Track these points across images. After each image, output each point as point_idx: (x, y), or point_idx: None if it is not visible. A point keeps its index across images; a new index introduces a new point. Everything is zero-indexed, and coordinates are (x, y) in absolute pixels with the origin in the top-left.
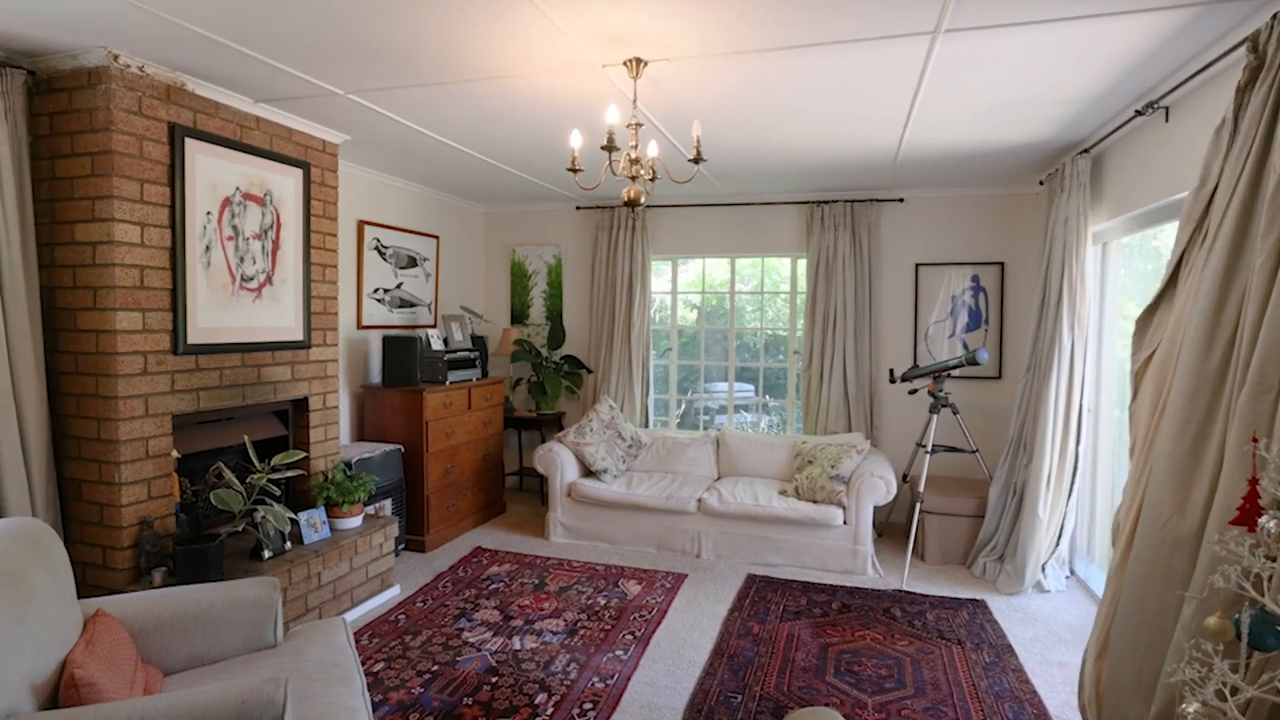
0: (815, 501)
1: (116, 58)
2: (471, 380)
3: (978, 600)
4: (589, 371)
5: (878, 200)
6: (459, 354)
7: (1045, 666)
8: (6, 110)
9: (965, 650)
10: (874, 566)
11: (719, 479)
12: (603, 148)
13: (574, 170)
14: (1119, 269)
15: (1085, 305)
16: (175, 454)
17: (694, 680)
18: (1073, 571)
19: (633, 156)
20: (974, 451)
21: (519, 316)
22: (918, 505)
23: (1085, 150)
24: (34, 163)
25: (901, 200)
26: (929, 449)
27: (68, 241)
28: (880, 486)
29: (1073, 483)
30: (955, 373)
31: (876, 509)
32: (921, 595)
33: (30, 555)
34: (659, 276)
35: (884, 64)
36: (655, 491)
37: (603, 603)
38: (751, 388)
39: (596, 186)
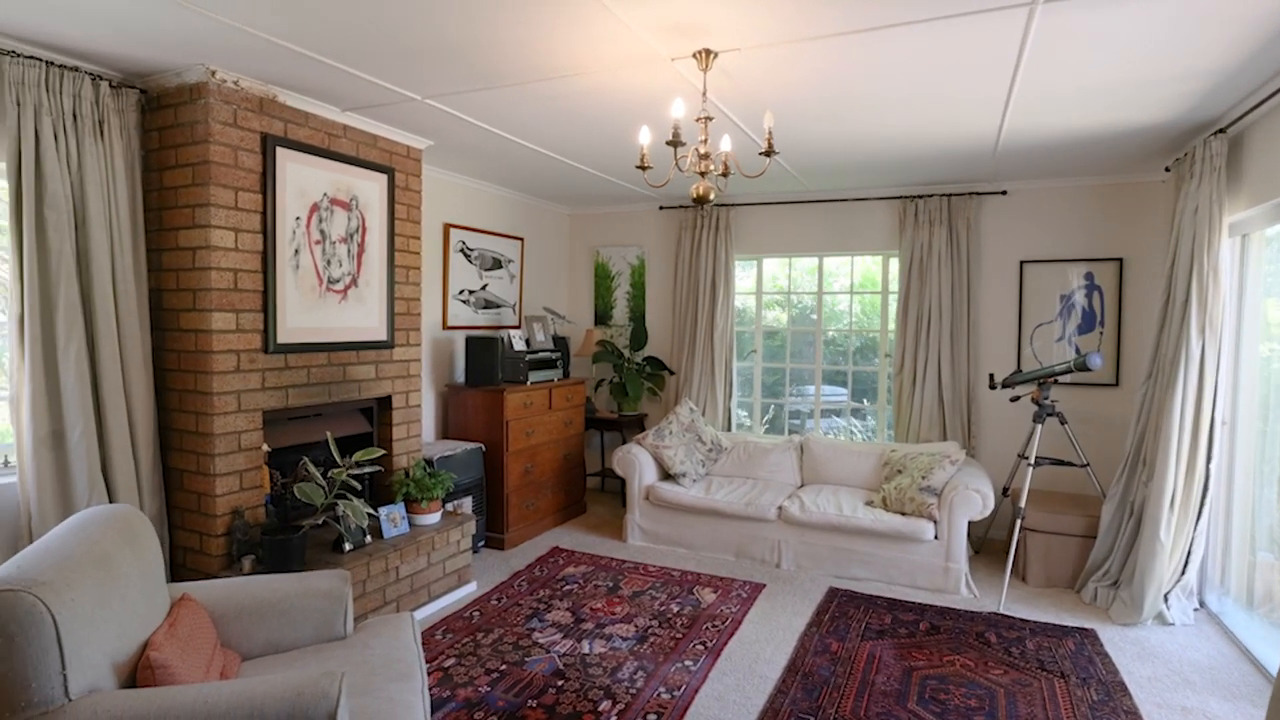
0: (904, 514)
1: (214, 73)
2: (553, 381)
3: (1086, 629)
4: (671, 373)
5: (977, 193)
6: (540, 354)
7: (1165, 711)
8: (122, 127)
9: (1069, 685)
10: (968, 586)
11: (802, 486)
12: (668, 143)
13: (642, 167)
14: (1262, 264)
15: (1219, 305)
16: (266, 448)
17: (764, 697)
18: (1202, 604)
19: (702, 151)
20: (1084, 465)
21: (602, 317)
22: (1018, 521)
23: (1220, 130)
24: (145, 174)
25: (1004, 193)
26: (1032, 461)
27: (172, 247)
28: (975, 500)
29: (1202, 504)
30: (1064, 379)
31: (972, 524)
32: (1021, 620)
33: (120, 540)
34: (743, 276)
35: (975, 42)
36: (735, 497)
37: (675, 610)
38: (844, 391)
39: (666, 184)
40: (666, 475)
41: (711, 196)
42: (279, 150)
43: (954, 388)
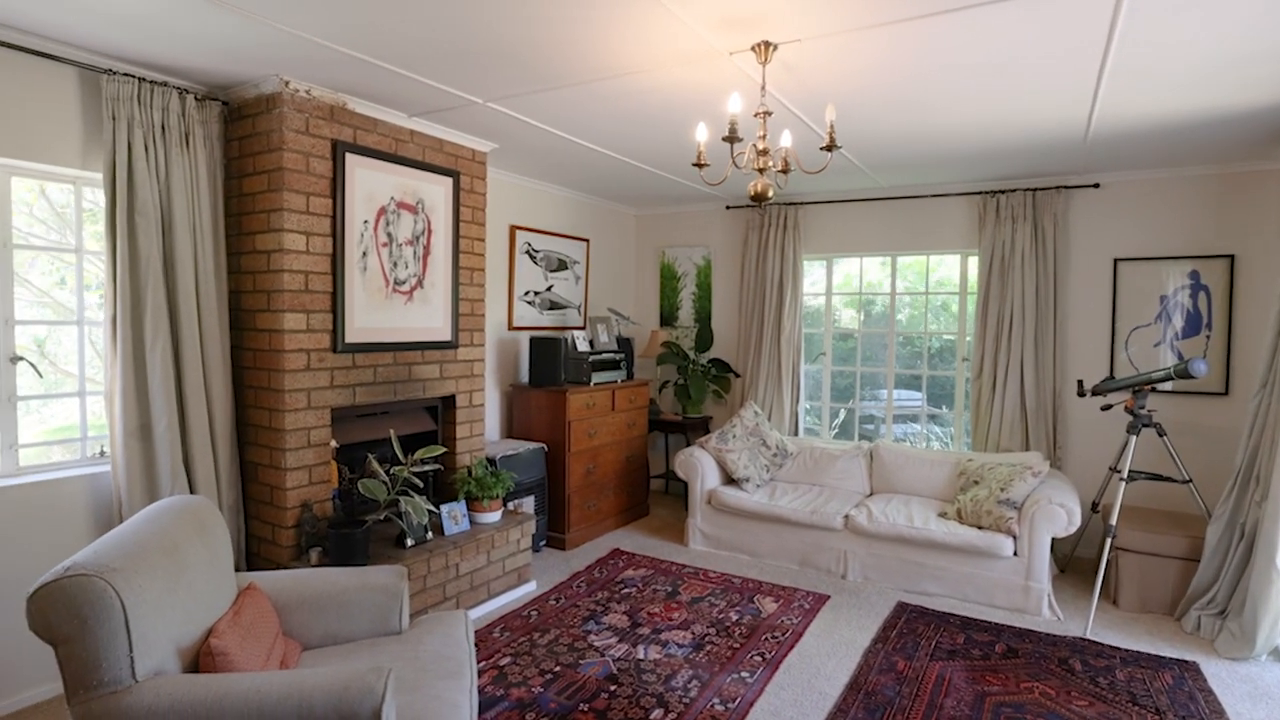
0: (980, 527)
1: (287, 84)
2: (616, 382)
3: (1187, 662)
4: (736, 375)
5: (1066, 187)
6: (604, 355)
7: None
8: (205, 137)
9: None
10: (1051, 607)
11: (870, 495)
12: (724, 139)
13: (699, 165)
14: None
15: None
16: (334, 444)
17: (823, 716)
18: None
19: (760, 147)
20: (1186, 481)
21: (668, 319)
22: (1109, 540)
23: None
24: (225, 182)
25: (1096, 186)
26: (1125, 475)
27: (249, 250)
28: (1060, 516)
29: None
30: (1163, 387)
31: (1057, 541)
32: (1110, 647)
33: (190, 530)
34: (811, 277)
35: (1059, 20)
36: (799, 504)
37: (734, 618)
38: (919, 396)
39: (722, 181)
40: (730, 480)
41: (770, 194)
42: (348, 156)
43: (1038, 394)
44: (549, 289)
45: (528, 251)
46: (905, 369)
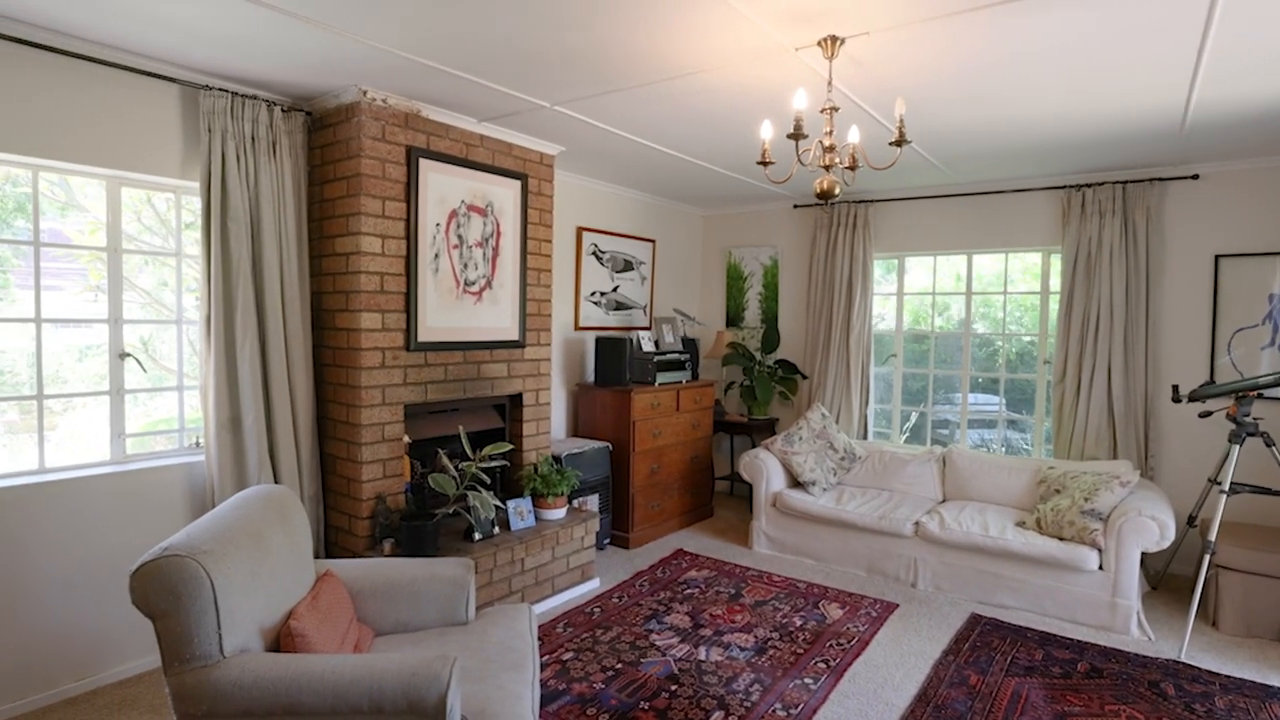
0: (1061, 539)
1: (365, 93)
2: (681, 382)
3: None
4: (803, 377)
5: (1160, 179)
6: (669, 356)
7: None
8: (290, 146)
9: None
10: (1140, 626)
11: (943, 502)
12: (789, 136)
13: (764, 163)
14: None
15: None
16: (406, 439)
17: None
18: None
19: (826, 144)
20: None
21: (734, 319)
22: (1208, 557)
23: None
24: (308, 188)
25: (1195, 177)
26: (1226, 488)
27: (329, 253)
28: (1151, 529)
29: None
30: (1271, 393)
31: (1148, 556)
32: (1209, 672)
33: (273, 518)
34: (882, 276)
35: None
36: (867, 509)
37: (798, 623)
38: (996, 400)
39: (788, 179)
40: (795, 483)
41: (836, 191)
42: (421, 161)
43: (1127, 400)
44: (615, 289)
45: (594, 253)
46: (982, 372)
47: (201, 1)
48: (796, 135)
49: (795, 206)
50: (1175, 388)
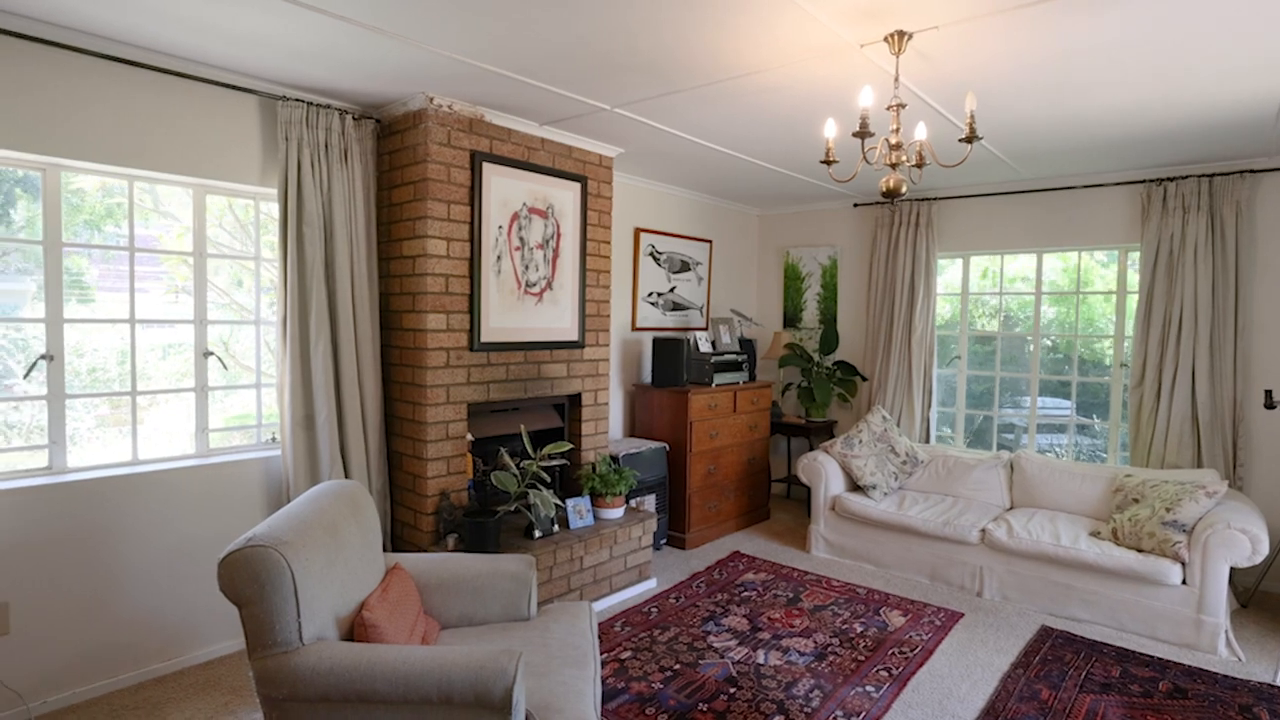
0: (1140, 550)
1: (432, 100)
2: (738, 383)
3: None
4: (863, 379)
5: (1251, 171)
6: (726, 357)
7: None
8: (361, 153)
9: None
10: (1229, 645)
11: (1010, 509)
12: (854, 134)
13: (827, 162)
14: None
15: None
16: (469, 437)
17: None
18: None
19: (893, 142)
20: None
21: (791, 320)
22: None
23: None
24: (377, 193)
25: None
26: None
27: (397, 256)
28: (1242, 543)
29: None
30: None
31: (1236, 572)
32: None
33: (346, 512)
34: (945, 275)
35: None
36: (931, 515)
37: (859, 630)
38: (1067, 404)
39: (852, 178)
40: (855, 486)
41: (903, 190)
42: (485, 165)
43: (1213, 405)
44: (672, 290)
45: (651, 253)
46: (1051, 374)
47: (284, 16)
48: (862, 133)
49: (855, 205)
50: (1269, 393)
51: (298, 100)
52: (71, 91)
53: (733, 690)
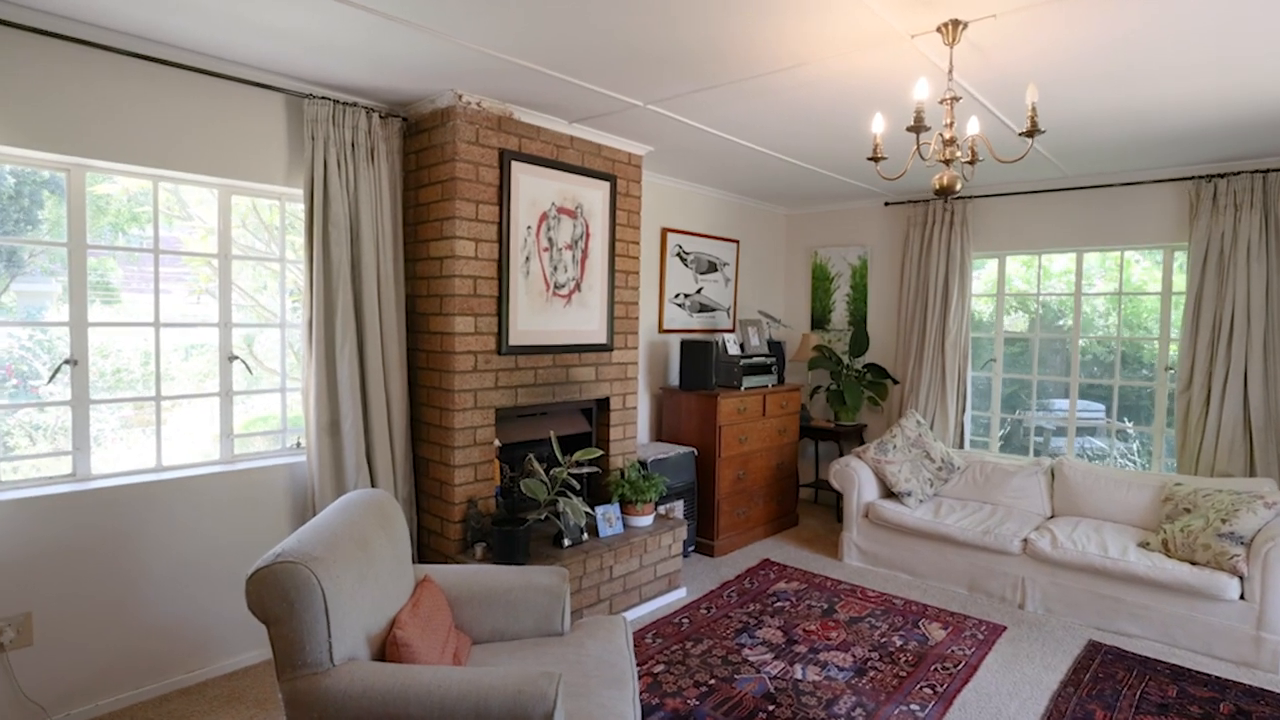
0: (1194, 563)
1: (460, 97)
2: (767, 386)
3: None
4: (895, 382)
5: None
6: (755, 359)
7: None
8: (388, 152)
9: None
10: None
11: (1051, 517)
12: (909, 129)
13: (875, 159)
14: None
15: None
16: (496, 443)
17: None
18: None
19: (947, 137)
20: None
21: (819, 321)
22: None
23: None
24: (404, 193)
25: None
26: None
27: (424, 257)
28: None
29: None
30: None
31: None
32: None
33: (376, 523)
34: (980, 276)
35: None
36: (969, 523)
37: (898, 643)
38: (1101, 408)
39: (902, 175)
40: (888, 493)
41: (957, 187)
42: (513, 164)
43: (1267, 411)
44: (699, 291)
45: (678, 254)
46: (1090, 378)
47: (312, 9)
48: (917, 127)
49: (886, 204)
50: None
51: (324, 98)
52: (96, 90)
53: (771, 707)
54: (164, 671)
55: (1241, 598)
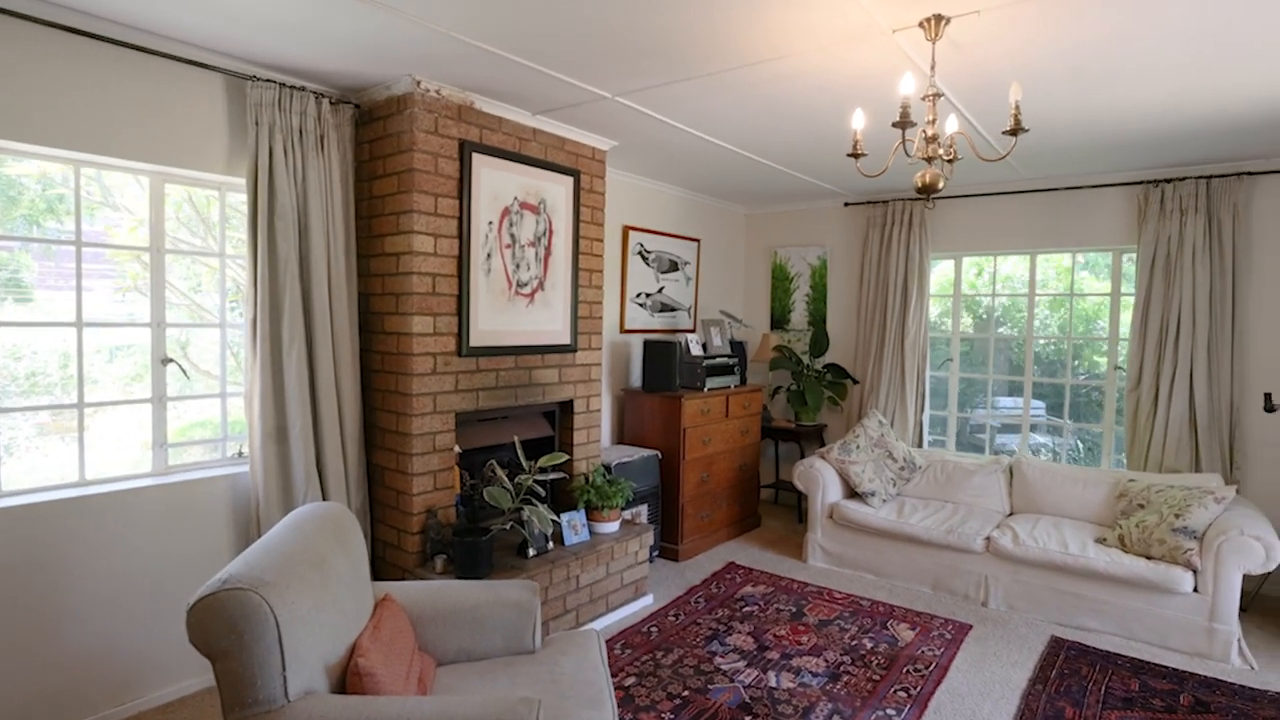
0: (1150, 558)
1: (419, 83)
2: (730, 387)
3: None
4: (855, 382)
5: (1249, 173)
6: (718, 360)
7: None
8: (339, 140)
9: None
10: (1242, 654)
11: (1011, 515)
12: (895, 124)
13: (855, 155)
14: None
15: None
16: (457, 449)
17: None
18: None
19: (929, 134)
20: None
21: (779, 321)
22: None
23: None
24: (357, 184)
25: None
26: None
27: (379, 253)
28: (1255, 550)
29: None
30: None
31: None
32: None
33: (333, 540)
34: (933, 277)
35: None
36: (932, 523)
37: (869, 646)
38: (1043, 405)
39: (883, 172)
40: (852, 493)
41: (940, 185)
42: (474, 156)
43: (1211, 408)
44: (660, 290)
45: (640, 252)
46: (1045, 377)
47: None
48: (903, 123)
49: (846, 204)
50: (1268, 396)
51: (269, 81)
52: (6, 62)
53: (748, 718)
54: (91, 705)
55: (1195, 590)
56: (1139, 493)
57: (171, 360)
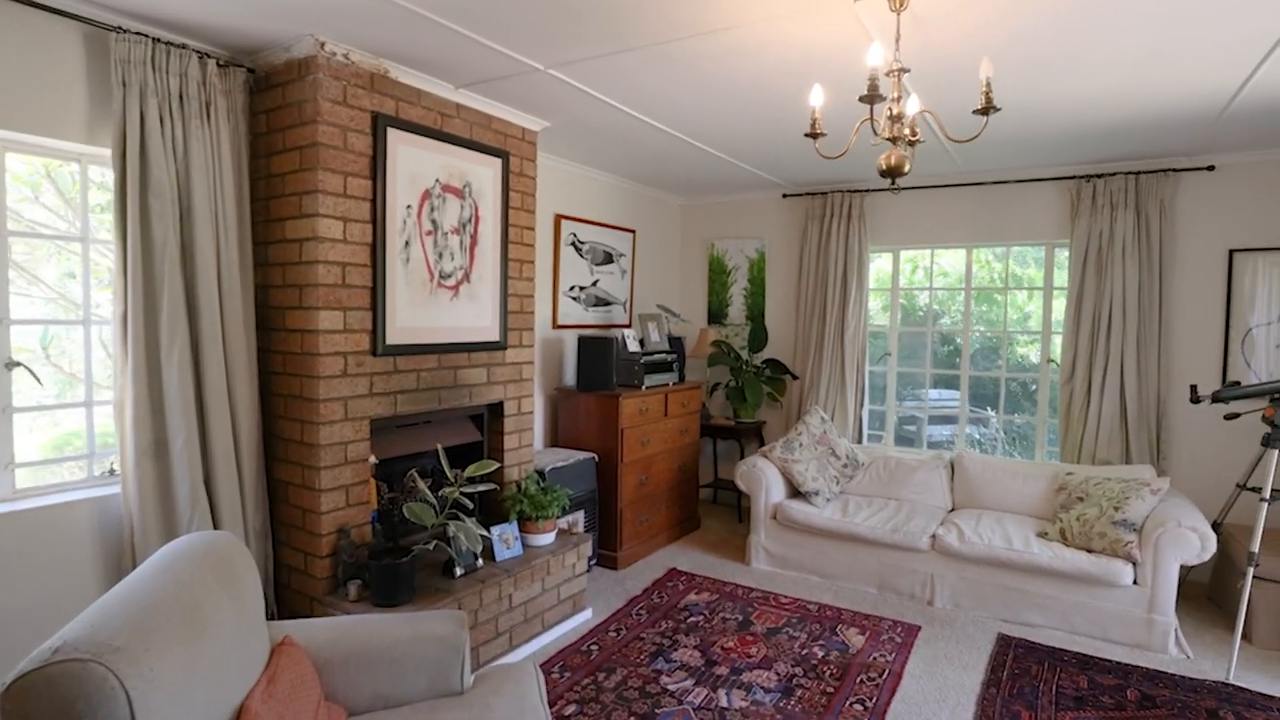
0: (1091, 551)
1: (323, 45)
2: (669, 385)
3: None
4: (794, 378)
5: (1174, 170)
6: (656, 356)
7: None
8: (229, 109)
9: None
10: (1178, 644)
11: (954, 510)
12: (861, 99)
13: (814, 135)
14: None
15: None
16: (372, 459)
17: None
18: None
19: (895, 112)
20: None
21: (716, 316)
22: (1251, 569)
23: None
24: (252, 161)
25: (1211, 168)
26: (1267, 495)
27: (279, 239)
28: (1192, 541)
29: None
30: None
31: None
32: (1264, 696)
33: (214, 581)
34: (875, 272)
35: None
36: (877, 521)
37: (820, 654)
38: (955, 395)
39: (844, 153)
40: (795, 492)
41: (906, 168)
42: (390, 131)
43: (1140, 401)
44: (595, 283)
45: (573, 243)
46: (981, 371)
47: None
48: (872, 98)
49: (785, 196)
50: (1194, 388)
51: (140, 34)
52: None
53: None
54: None
55: (1135, 583)
56: (1078, 485)
57: (18, 363)
